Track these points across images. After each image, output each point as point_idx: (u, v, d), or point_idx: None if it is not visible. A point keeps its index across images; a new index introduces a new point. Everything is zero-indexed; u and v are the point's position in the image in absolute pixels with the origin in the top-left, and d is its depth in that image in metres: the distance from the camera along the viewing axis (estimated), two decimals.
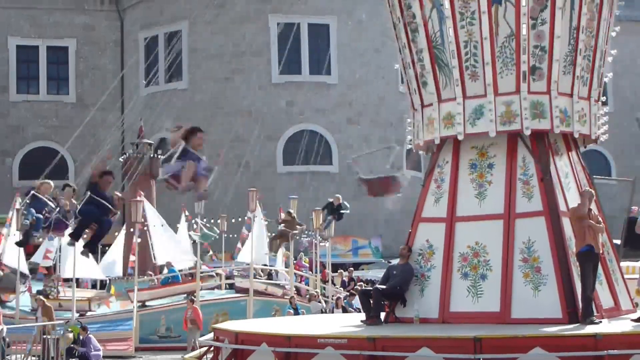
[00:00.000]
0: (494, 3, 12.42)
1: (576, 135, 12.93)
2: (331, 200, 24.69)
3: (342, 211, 24.17)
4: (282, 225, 24.21)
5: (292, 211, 24.50)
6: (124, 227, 28.86)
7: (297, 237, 26.05)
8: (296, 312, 21.13)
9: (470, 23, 12.55)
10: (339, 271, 30.77)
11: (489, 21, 12.42)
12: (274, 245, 24.71)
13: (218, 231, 29.73)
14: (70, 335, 18.47)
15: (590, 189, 12.53)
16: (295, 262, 29.60)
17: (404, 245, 13.43)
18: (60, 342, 18.05)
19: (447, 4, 12.67)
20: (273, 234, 25.51)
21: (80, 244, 14.28)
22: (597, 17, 12.93)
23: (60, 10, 46.66)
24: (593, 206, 12.32)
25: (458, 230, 12.85)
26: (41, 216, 14.07)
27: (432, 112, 13.15)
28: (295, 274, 25.73)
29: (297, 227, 24.10)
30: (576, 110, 12.79)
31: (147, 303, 24.18)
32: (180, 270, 26.66)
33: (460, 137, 12.79)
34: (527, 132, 12.49)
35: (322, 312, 21.54)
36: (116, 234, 28.08)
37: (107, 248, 28.11)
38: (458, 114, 12.72)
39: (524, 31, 12.42)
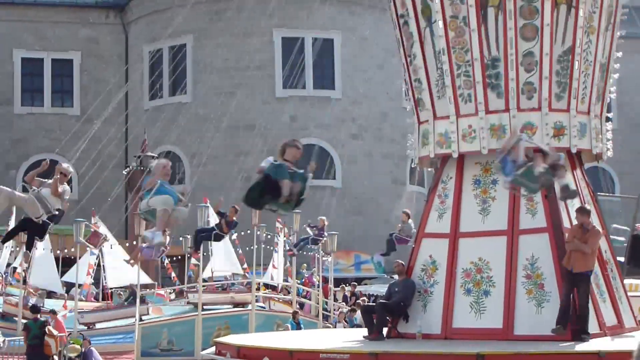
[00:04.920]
0: (482, 23, 12.48)
1: (594, 152, 12.94)
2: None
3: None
4: None
5: None
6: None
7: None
8: (299, 328, 21.06)
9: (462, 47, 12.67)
10: (341, 286, 30.71)
11: (479, 41, 12.49)
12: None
13: None
14: (77, 346, 18.48)
15: (584, 206, 12.42)
16: (306, 276, 29.51)
17: (397, 262, 13.45)
18: (66, 351, 18.15)
19: (440, 24, 12.78)
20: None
21: None
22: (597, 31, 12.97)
23: (65, 23, 46.77)
24: (596, 222, 12.29)
25: (461, 246, 12.83)
26: None
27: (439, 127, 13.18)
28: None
29: None
30: (593, 127, 12.87)
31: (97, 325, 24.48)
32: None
33: (455, 155, 12.82)
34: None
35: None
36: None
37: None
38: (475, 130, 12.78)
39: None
